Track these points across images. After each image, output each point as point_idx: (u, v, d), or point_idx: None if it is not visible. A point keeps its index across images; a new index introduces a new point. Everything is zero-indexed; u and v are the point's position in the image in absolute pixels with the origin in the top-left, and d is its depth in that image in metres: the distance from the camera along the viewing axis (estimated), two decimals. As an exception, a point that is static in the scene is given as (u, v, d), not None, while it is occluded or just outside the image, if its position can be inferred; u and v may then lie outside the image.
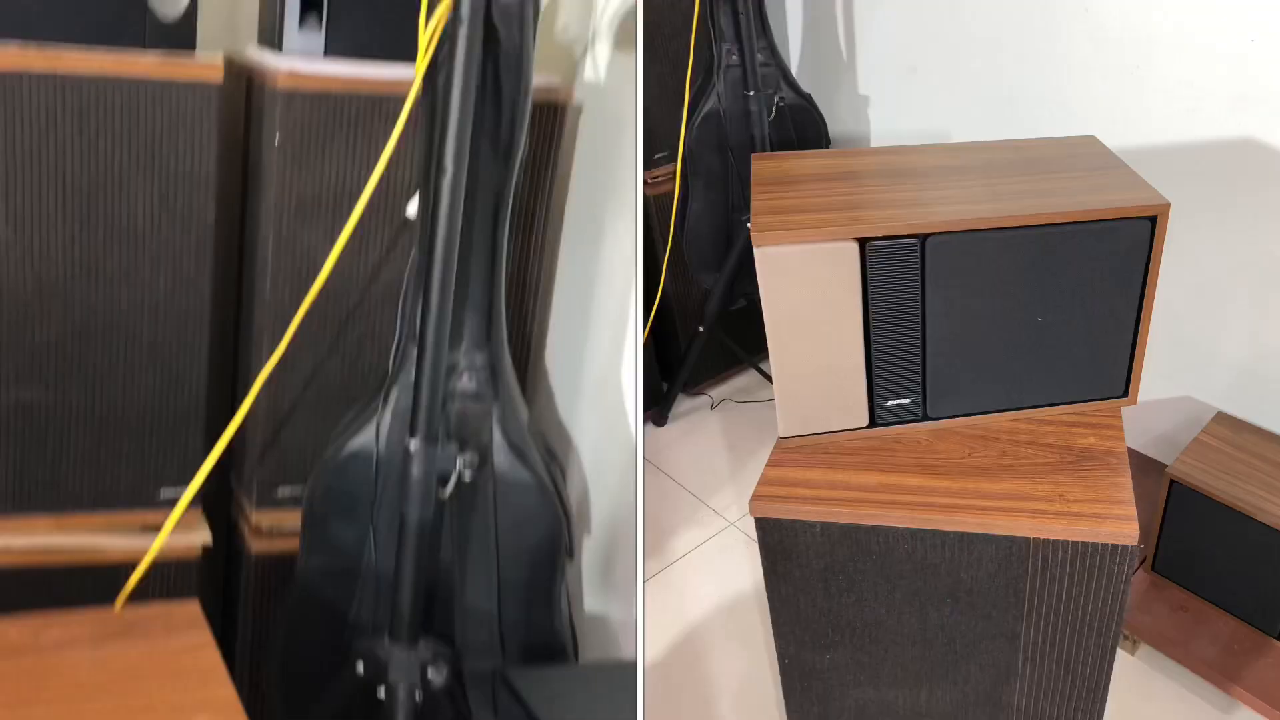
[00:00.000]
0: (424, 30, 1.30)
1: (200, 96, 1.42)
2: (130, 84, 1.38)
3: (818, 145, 2.48)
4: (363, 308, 1.56)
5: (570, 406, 1.81)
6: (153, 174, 1.42)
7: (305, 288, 1.51)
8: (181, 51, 1.45)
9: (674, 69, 2.38)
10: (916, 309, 1.33)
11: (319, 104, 1.46)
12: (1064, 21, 2.07)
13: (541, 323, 1.83)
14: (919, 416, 1.42)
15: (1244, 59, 1.82)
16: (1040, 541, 1.26)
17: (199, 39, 1.48)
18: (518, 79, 1.33)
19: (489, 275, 1.41)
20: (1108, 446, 1.37)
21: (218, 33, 1.83)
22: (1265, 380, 1.95)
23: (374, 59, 1.53)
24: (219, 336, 1.62)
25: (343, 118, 1.48)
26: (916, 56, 2.43)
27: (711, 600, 2.05)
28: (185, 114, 1.42)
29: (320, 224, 1.52)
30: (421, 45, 1.31)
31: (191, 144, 1.43)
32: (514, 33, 1.31)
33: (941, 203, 1.34)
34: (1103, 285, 1.34)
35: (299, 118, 1.46)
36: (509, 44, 1.31)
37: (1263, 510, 1.70)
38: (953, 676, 1.42)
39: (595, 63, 1.80)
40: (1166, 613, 1.85)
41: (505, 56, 1.32)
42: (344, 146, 1.49)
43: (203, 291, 1.48)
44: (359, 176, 1.51)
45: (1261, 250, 1.89)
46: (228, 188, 1.66)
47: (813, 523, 1.32)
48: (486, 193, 1.37)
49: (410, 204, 1.54)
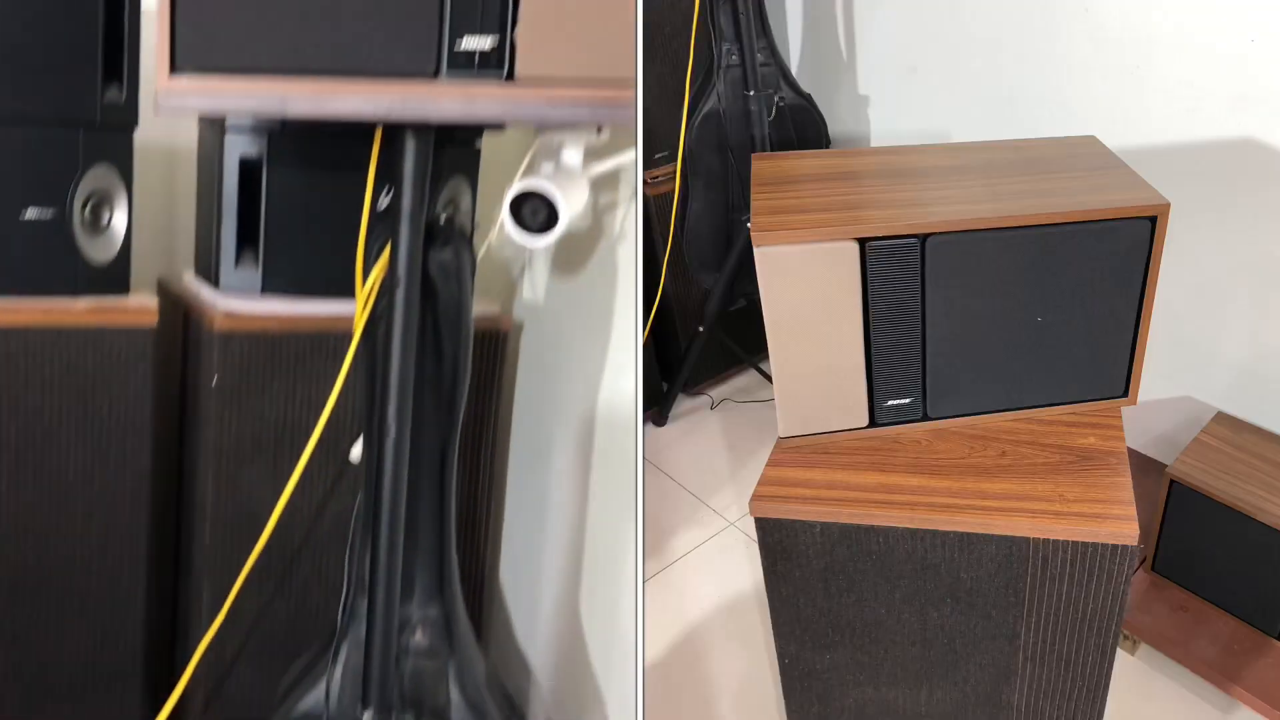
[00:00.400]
0: (360, 289, 1.26)
1: (134, 341, 1.38)
2: (61, 332, 1.34)
3: (818, 145, 2.48)
4: (309, 547, 1.50)
5: (528, 630, 1.76)
6: (85, 423, 1.38)
7: (246, 532, 1.45)
8: (114, 296, 1.41)
9: (674, 69, 2.38)
10: (916, 309, 1.33)
11: (257, 344, 1.42)
12: (1064, 21, 2.07)
13: (494, 556, 1.79)
14: (919, 416, 1.42)
15: (1244, 59, 1.82)
16: (1040, 541, 1.26)
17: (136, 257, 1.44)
18: (458, 332, 1.31)
19: (438, 525, 1.36)
20: (1108, 446, 1.37)
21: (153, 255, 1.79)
22: (1265, 380, 1.95)
23: (313, 295, 1.48)
24: (156, 589, 1.54)
25: (282, 357, 1.44)
26: (916, 56, 2.43)
27: (711, 600, 2.05)
28: (119, 360, 1.37)
29: (261, 465, 1.46)
30: (360, 300, 1.26)
31: (126, 390, 1.39)
32: (452, 287, 1.28)
33: (941, 203, 1.34)
34: (1103, 285, 1.34)
35: (237, 359, 1.42)
36: (448, 298, 1.28)
37: (1263, 510, 1.70)
38: (953, 676, 1.42)
39: (534, 282, 1.78)
40: (1166, 613, 1.85)
41: (444, 311, 1.29)
42: (284, 386, 1.45)
43: (139, 542, 1.43)
44: (300, 416, 1.46)
45: (1261, 250, 1.89)
46: (164, 428, 1.59)
47: (813, 523, 1.32)
48: (432, 445, 1.33)
49: (355, 448, 1.49)
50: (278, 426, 1.46)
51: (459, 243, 1.29)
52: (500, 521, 1.83)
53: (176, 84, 1.07)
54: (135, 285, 1.48)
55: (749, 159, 1.77)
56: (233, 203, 1.47)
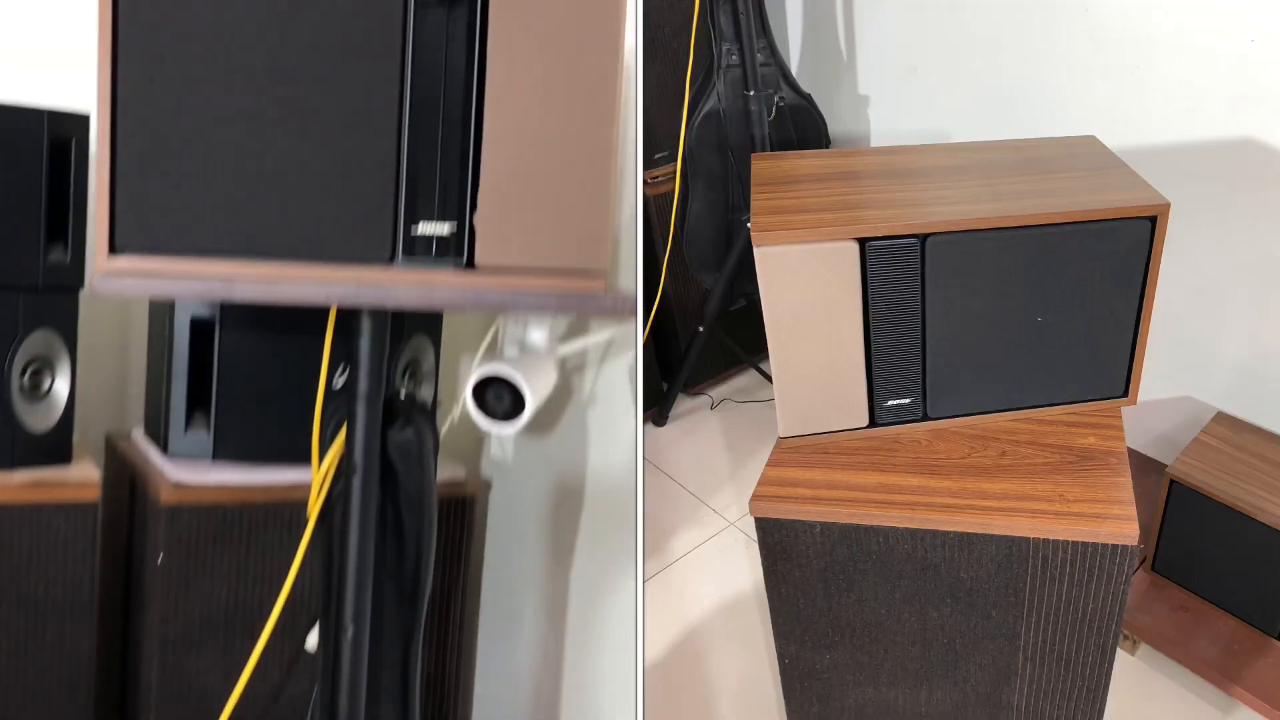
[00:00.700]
0: (316, 471, 1.18)
1: (75, 518, 1.29)
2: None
3: (818, 145, 2.48)
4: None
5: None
6: (19, 606, 1.28)
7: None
8: (54, 466, 1.32)
9: (674, 69, 2.38)
10: (916, 309, 1.33)
11: (207, 516, 1.34)
12: (1064, 21, 2.07)
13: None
14: (919, 416, 1.42)
15: (1244, 59, 1.81)
16: (1040, 541, 1.26)
17: (85, 409, 1.34)
18: (420, 518, 1.22)
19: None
20: (1108, 446, 1.37)
21: (101, 406, 1.69)
22: (1265, 380, 1.95)
23: (268, 462, 1.41)
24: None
25: (234, 529, 1.36)
26: (916, 56, 2.43)
27: (711, 600, 2.05)
28: (58, 538, 1.28)
29: (211, 650, 1.37)
30: (315, 484, 1.18)
31: (65, 570, 1.29)
32: (414, 471, 1.20)
33: (941, 203, 1.34)
34: (1103, 285, 1.34)
35: (185, 534, 1.33)
36: (409, 482, 1.20)
37: (1263, 510, 1.70)
38: (953, 676, 1.42)
39: (501, 441, 1.72)
40: (1166, 613, 1.85)
41: (406, 496, 1.21)
42: (236, 561, 1.37)
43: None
44: (253, 594, 1.38)
45: (1261, 250, 1.89)
46: (109, 607, 1.51)
47: (812, 523, 1.32)
48: (393, 639, 1.24)
49: (311, 636, 1.42)
50: (229, 606, 1.37)
51: (420, 421, 1.20)
52: (470, 699, 1.73)
53: (116, 265, 1.01)
54: (84, 438, 1.37)
55: (749, 159, 1.77)
56: (183, 364, 1.40)
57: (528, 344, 1.50)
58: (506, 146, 1.07)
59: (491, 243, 1.08)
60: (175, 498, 1.34)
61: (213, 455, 1.42)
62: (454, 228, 1.07)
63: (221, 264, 1.03)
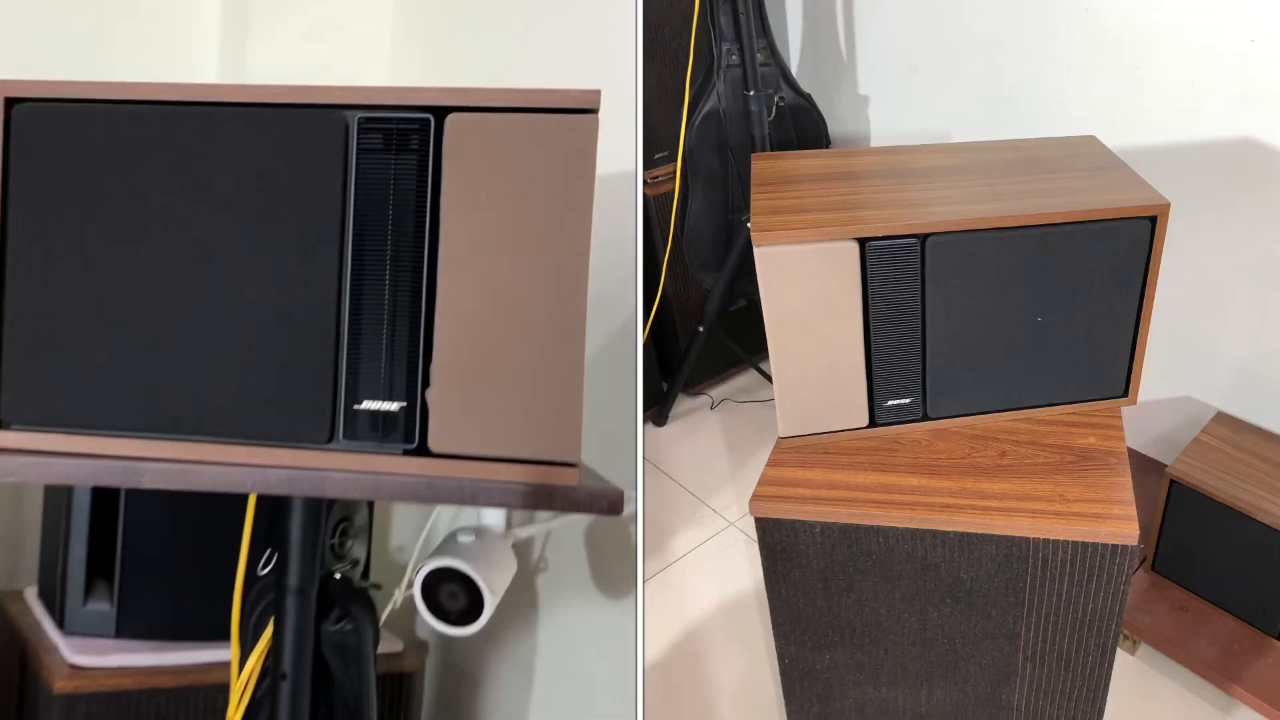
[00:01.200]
0: (235, 680, 1.03)
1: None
2: None
3: (818, 145, 2.48)
4: None
5: None
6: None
7: None
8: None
9: (674, 69, 2.38)
10: (916, 309, 1.33)
11: (109, 706, 1.16)
12: (1064, 21, 2.07)
13: None
14: (919, 416, 1.42)
15: (1244, 59, 1.81)
16: (1040, 541, 1.26)
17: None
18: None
19: None
20: (1108, 446, 1.37)
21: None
22: (1265, 380, 1.95)
23: (179, 640, 1.25)
24: None
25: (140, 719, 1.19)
26: (916, 56, 2.43)
27: (711, 600, 2.05)
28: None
29: None
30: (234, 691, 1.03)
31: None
32: (351, 671, 1.05)
33: (941, 203, 1.34)
34: (1103, 285, 1.34)
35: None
36: (346, 686, 1.05)
37: (1263, 510, 1.70)
38: (953, 676, 1.42)
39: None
40: (1166, 613, 1.85)
41: (342, 701, 1.05)
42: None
43: None
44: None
45: (1261, 250, 1.89)
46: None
47: (812, 523, 1.32)
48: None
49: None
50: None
51: (359, 612, 1.05)
52: None
53: (4, 440, 0.89)
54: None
55: (749, 159, 1.77)
56: (83, 523, 1.24)
57: (484, 529, 1.31)
58: (463, 315, 0.91)
59: (447, 424, 0.92)
60: (71, 685, 1.16)
61: (115, 632, 1.25)
62: (403, 406, 0.92)
63: (129, 441, 0.90)
